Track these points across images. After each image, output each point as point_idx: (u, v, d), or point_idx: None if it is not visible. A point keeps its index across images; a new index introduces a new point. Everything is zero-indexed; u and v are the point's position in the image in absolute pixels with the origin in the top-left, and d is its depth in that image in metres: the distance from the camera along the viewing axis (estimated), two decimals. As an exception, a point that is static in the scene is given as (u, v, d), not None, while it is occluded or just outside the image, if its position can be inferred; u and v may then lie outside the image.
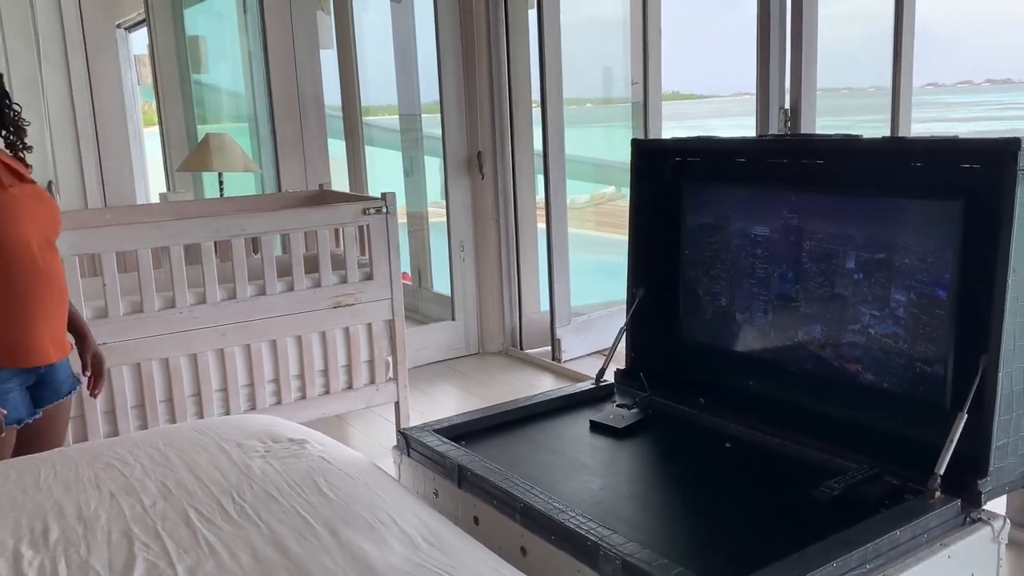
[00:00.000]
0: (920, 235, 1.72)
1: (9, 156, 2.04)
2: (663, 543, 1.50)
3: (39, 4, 3.40)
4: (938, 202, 1.68)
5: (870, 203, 1.78)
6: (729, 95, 6.36)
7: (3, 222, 1.91)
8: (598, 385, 2.31)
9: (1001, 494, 1.65)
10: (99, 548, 1.50)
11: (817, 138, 2.01)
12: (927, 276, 1.71)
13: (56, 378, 2.10)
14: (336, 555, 1.43)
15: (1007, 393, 1.59)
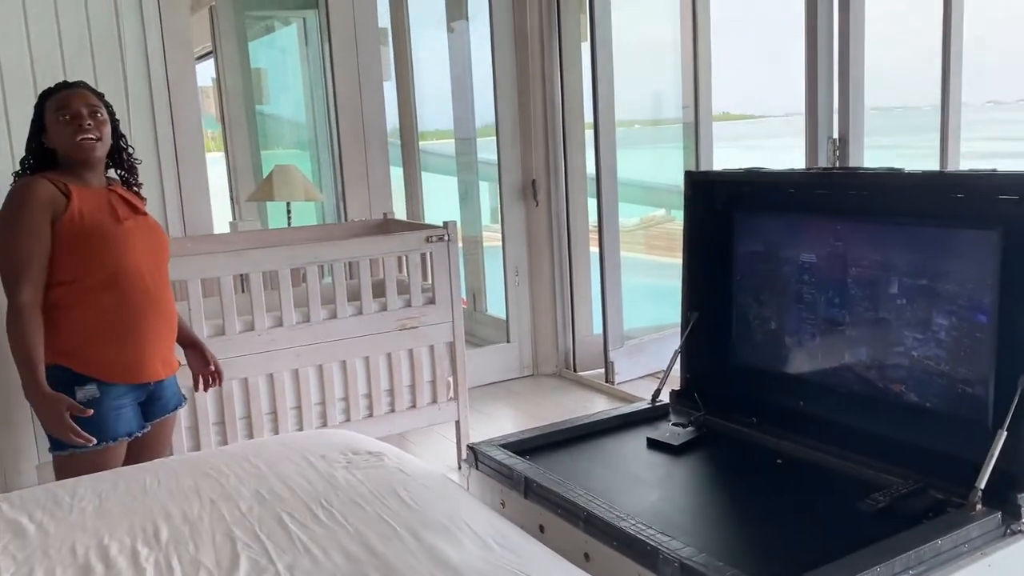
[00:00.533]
0: (960, 262, 1.82)
1: (126, 191, 2.27)
2: (718, 549, 1.62)
3: (127, 43, 3.65)
4: (977, 231, 1.79)
5: (912, 232, 1.89)
6: (781, 115, 6.39)
7: (119, 253, 2.13)
8: (654, 405, 2.44)
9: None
10: (206, 547, 1.68)
11: (861, 171, 2.13)
12: (967, 301, 1.81)
13: (164, 394, 2.32)
14: (419, 555, 1.58)
15: (1046, 412, 1.68)
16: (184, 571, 1.59)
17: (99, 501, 1.92)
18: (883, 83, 3.28)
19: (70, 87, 2.24)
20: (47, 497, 1.96)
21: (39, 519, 1.84)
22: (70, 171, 2.17)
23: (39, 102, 2.25)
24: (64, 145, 2.16)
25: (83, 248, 2.10)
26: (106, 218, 2.15)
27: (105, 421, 2.17)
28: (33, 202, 2.06)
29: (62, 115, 2.15)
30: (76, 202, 2.11)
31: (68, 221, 2.08)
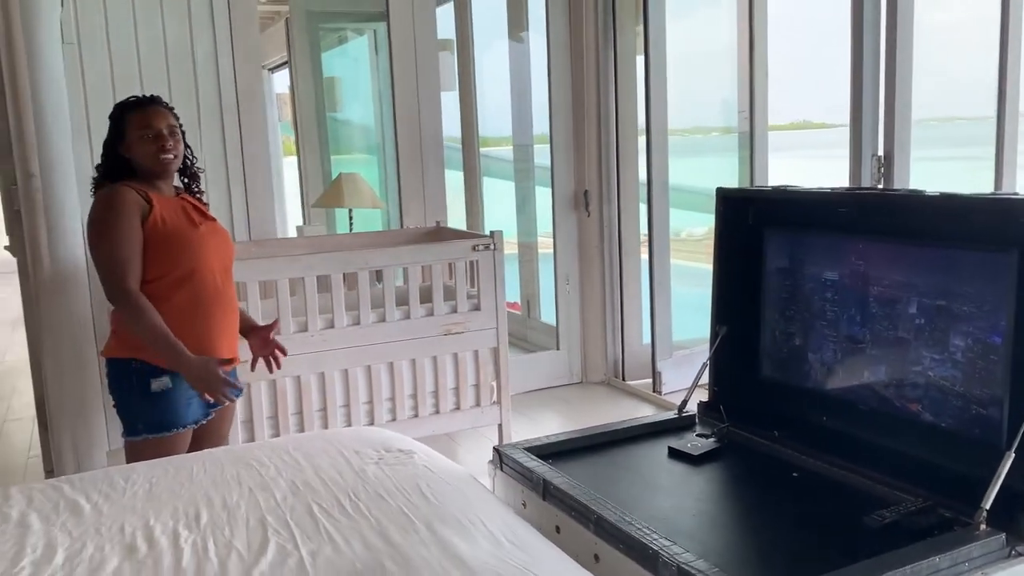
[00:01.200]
0: (978, 284, 1.84)
1: (194, 198, 2.47)
2: (719, 555, 1.67)
3: (199, 57, 3.87)
4: (994, 254, 1.80)
5: (931, 253, 1.92)
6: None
7: (194, 255, 2.34)
8: (681, 415, 2.49)
9: (1050, 531, 1.74)
10: (240, 531, 1.81)
11: (883, 192, 2.15)
12: (984, 323, 1.82)
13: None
14: (432, 547, 1.69)
15: (1055, 435, 1.69)
16: (218, 553, 1.72)
17: (149, 486, 2.07)
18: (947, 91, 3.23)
19: (149, 104, 2.42)
20: (104, 480, 2.13)
21: (95, 500, 2.01)
22: (146, 181, 2.38)
23: (119, 114, 2.43)
24: (146, 161, 2.36)
25: (164, 250, 2.31)
26: (184, 223, 2.37)
27: (176, 410, 2.38)
28: (126, 208, 2.28)
29: (146, 133, 2.35)
30: (158, 208, 2.32)
31: (152, 226, 2.29)
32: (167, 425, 2.36)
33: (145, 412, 2.35)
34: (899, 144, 3.13)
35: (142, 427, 2.36)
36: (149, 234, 2.28)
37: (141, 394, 2.34)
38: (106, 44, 3.66)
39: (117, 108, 2.44)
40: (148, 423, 2.36)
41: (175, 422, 2.38)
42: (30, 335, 3.70)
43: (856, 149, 3.18)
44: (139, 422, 2.36)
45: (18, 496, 2.04)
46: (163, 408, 2.34)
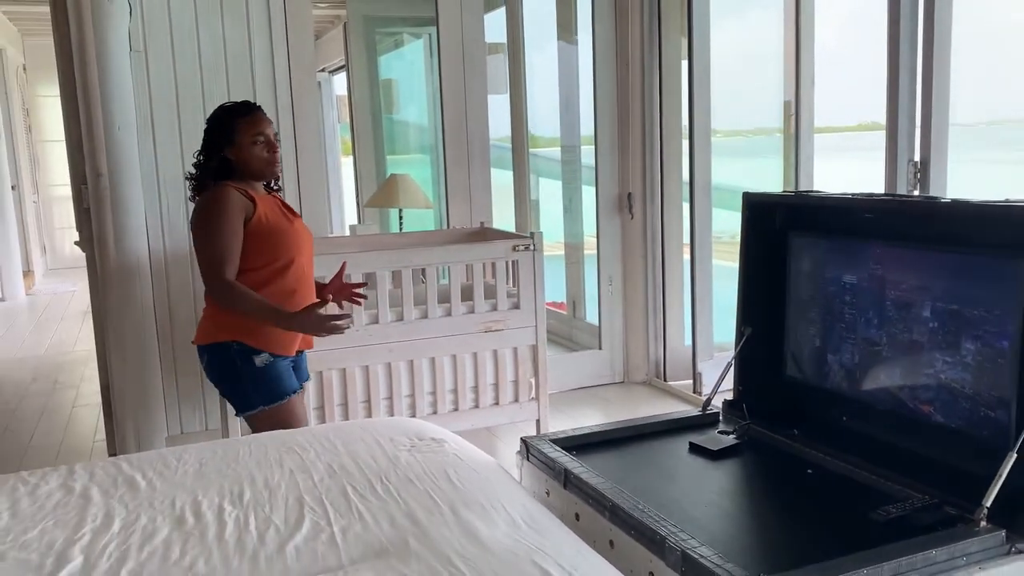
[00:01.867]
0: (989, 289, 1.88)
1: (279, 197, 2.70)
2: (724, 543, 1.76)
3: (256, 61, 4.06)
4: (1004, 260, 1.85)
5: (944, 258, 1.97)
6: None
7: (291, 247, 2.59)
8: (705, 413, 2.57)
9: (1052, 531, 1.78)
10: (279, 508, 1.96)
11: (900, 198, 2.20)
12: (994, 327, 1.87)
13: (302, 364, 2.81)
14: (453, 527, 1.81)
15: (1058, 437, 1.73)
16: (257, 527, 1.87)
17: (199, 465, 2.24)
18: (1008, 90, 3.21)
19: (257, 110, 2.63)
20: (159, 460, 2.30)
21: (150, 477, 2.18)
22: (244, 181, 2.59)
23: (226, 118, 2.59)
24: (258, 164, 2.57)
25: (266, 244, 2.54)
26: (282, 218, 2.60)
27: (281, 379, 2.63)
28: (231, 206, 2.50)
29: (258, 138, 2.56)
30: (261, 206, 2.54)
31: (257, 222, 2.52)
32: (279, 394, 2.61)
33: (257, 387, 2.60)
34: (936, 149, 3.14)
35: (258, 400, 2.61)
36: (255, 229, 2.51)
37: (249, 372, 2.59)
38: (170, 51, 3.87)
39: (224, 113, 2.61)
40: (262, 396, 2.61)
41: (285, 390, 2.63)
42: (97, 326, 3.94)
43: (892, 154, 3.20)
44: (254, 396, 2.61)
45: (81, 472, 2.22)
46: (271, 380, 2.60)
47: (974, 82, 3.48)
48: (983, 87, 4.78)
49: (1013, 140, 3.06)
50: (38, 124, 10.46)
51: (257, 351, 2.56)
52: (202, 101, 3.94)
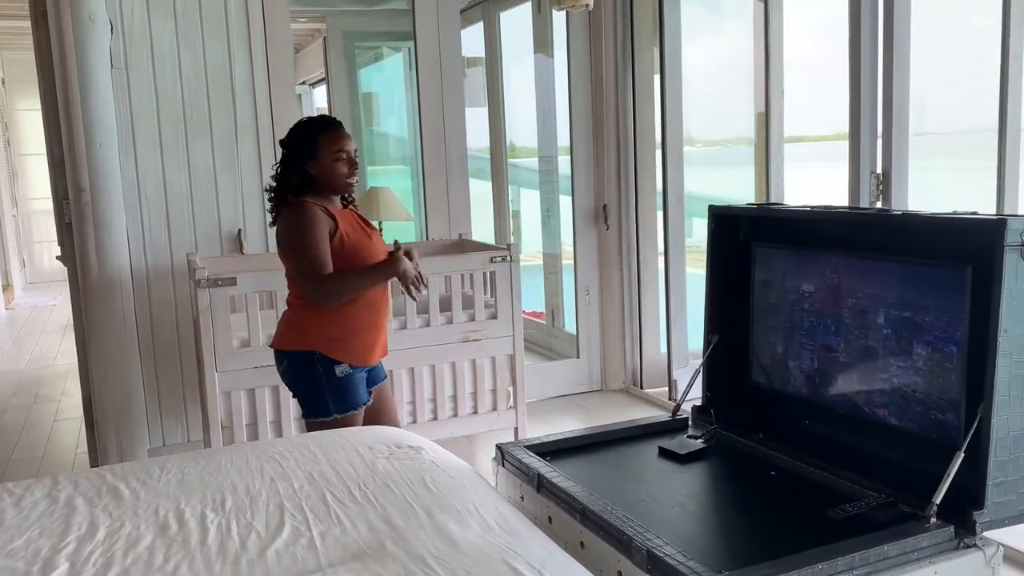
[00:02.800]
0: (937, 297, 1.98)
1: (355, 209, 2.74)
2: (688, 542, 1.84)
3: (237, 81, 4.13)
4: (951, 269, 1.95)
5: (896, 267, 2.06)
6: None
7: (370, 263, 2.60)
8: (675, 418, 2.65)
9: (1001, 526, 1.87)
10: (260, 515, 2.02)
11: (856, 210, 2.30)
12: (942, 333, 1.97)
13: (376, 371, 2.85)
14: (428, 530, 1.87)
15: (1003, 437, 1.83)
16: (239, 532, 1.93)
17: (182, 475, 2.29)
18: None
19: (340, 127, 2.66)
20: (142, 469, 2.36)
21: (133, 486, 2.23)
22: (323, 196, 2.62)
23: (310, 134, 2.61)
24: (338, 180, 2.60)
25: (348, 260, 2.57)
26: (362, 235, 2.64)
27: (356, 392, 2.69)
28: (318, 221, 2.54)
29: (340, 155, 2.59)
30: (341, 223, 2.58)
31: (339, 240, 2.56)
32: (352, 404, 2.68)
33: (335, 395, 2.65)
34: (896, 161, 3.25)
35: (332, 408, 2.67)
36: (336, 247, 2.55)
37: (329, 381, 2.64)
38: (151, 68, 3.93)
39: (306, 128, 2.63)
40: (338, 405, 2.66)
41: (357, 401, 2.70)
42: (79, 340, 3.98)
43: (855, 166, 3.30)
44: (329, 404, 2.67)
45: (65, 483, 2.27)
46: (349, 390, 2.66)
47: (949, 92, 3.58)
48: (958, 96, 4.90)
49: (987, 149, 3.16)
50: (17, 138, 10.45)
51: (337, 362, 2.63)
52: (183, 117, 4.01)
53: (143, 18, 3.90)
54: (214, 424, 3.35)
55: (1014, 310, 1.79)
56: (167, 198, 4.00)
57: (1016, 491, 1.87)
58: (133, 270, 3.92)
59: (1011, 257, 1.77)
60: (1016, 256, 1.77)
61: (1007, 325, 1.79)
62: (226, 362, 3.36)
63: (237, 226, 4.11)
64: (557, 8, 4.32)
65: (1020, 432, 1.85)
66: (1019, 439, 1.85)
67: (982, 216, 1.87)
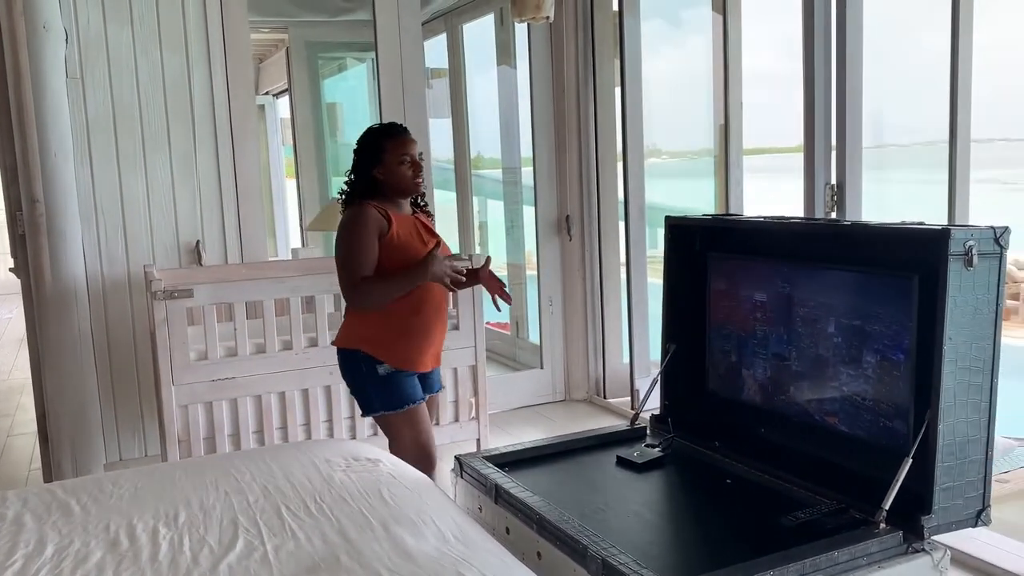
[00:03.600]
0: (886, 305, 2.01)
1: (424, 217, 2.75)
2: (644, 551, 1.85)
3: (196, 91, 4.09)
4: (899, 278, 1.98)
5: (848, 276, 2.10)
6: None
7: None
8: (633, 427, 2.67)
9: (948, 531, 1.91)
10: (213, 529, 1.99)
11: (807, 220, 2.34)
12: (891, 341, 2.00)
13: (432, 378, 2.83)
14: (383, 542, 1.86)
15: (949, 443, 1.86)
16: (191, 547, 1.91)
17: (135, 489, 2.26)
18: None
19: (404, 131, 2.70)
20: (94, 485, 2.32)
21: (84, 502, 2.19)
22: (389, 199, 2.66)
23: (375, 139, 2.67)
24: (402, 183, 2.64)
25: (397, 262, 2.58)
26: (416, 240, 2.64)
27: (402, 389, 2.67)
28: (368, 224, 2.57)
29: (404, 159, 2.63)
30: (395, 226, 2.60)
31: (389, 241, 2.58)
32: (398, 402, 2.66)
33: (379, 393, 2.66)
34: (851, 173, 3.30)
35: (378, 405, 2.68)
36: (387, 247, 2.57)
37: (372, 379, 2.65)
38: (107, 77, 3.88)
39: (373, 135, 2.69)
40: (383, 402, 2.67)
41: (404, 399, 2.67)
42: (32, 353, 3.90)
43: (810, 178, 3.35)
44: (375, 402, 2.68)
45: (14, 499, 2.23)
46: (392, 389, 2.65)
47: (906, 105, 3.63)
48: (915, 109, 5.00)
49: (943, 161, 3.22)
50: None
51: (380, 362, 2.64)
52: (140, 127, 3.96)
53: (99, 27, 3.85)
54: (170, 438, 3.31)
55: (958, 318, 1.83)
56: (124, 209, 3.94)
57: (963, 496, 1.91)
58: (89, 282, 3.86)
59: (955, 266, 1.81)
60: (960, 265, 1.81)
61: (952, 333, 1.82)
62: (183, 375, 3.32)
63: (196, 237, 4.06)
64: (518, 20, 4.33)
65: (966, 438, 1.89)
66: (965, 444, 1.89)
67: (927, 227, 1.91)
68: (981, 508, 1.94)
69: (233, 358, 3.39)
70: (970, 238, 1.81)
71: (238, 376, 3.37)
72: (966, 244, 1.80)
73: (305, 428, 3.52)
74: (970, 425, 1.88)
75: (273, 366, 3.44)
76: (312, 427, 3.52)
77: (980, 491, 1.93)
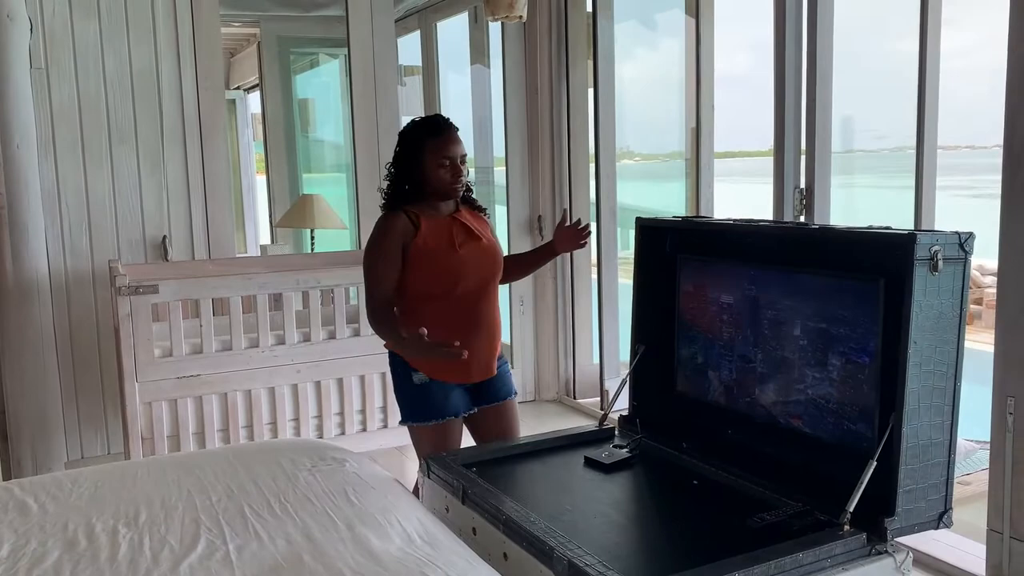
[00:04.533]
0: (852, 309, 2.02)
1: (471, 215, 2.63)
2: (610, 552, 1.84)
3: (164, 85, 4.04)
4: (865, 282, 1.99)
5: (814, 280, 2.11)
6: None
7: (452, 276, 2.51)
8: (601, 428, 2.67)
9: (911, 532, 1.92)
10: (175, 529, 1.96)
11: (776, 224, 2.35)
12: (856, 344, 2.01)
13: (492, 386, 2.70)
14: (348, 543, 1.85)
15: (913, 446, 1.88)
16: (152, 547, 1.87)
17: (95, 488, 2.22)
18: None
19: (447, 130, 2.54)
20: (53, 484, 2.27)
21: (42, 500, 2.15)
22: (427, 201, 2.55)
23: (417, 136, 2.52)
24: (440, 186, 2.52)
25: (425, 269, 2.50)
26: (445, 245, 2.52)
27: (435, 402, 2.57)
28: (391, 234, 2.49)
29: (444, 161, 2.50)
30: (423, 232, 2.50)
31: (415, 248, 2.48)
32: (428, 415, 2.57)
33: (410, 402, 2.59)
34: (819, 177, 3.34)
35: (406, 414, 2.61)
36: (412, 255, 2.48)
37: (406, 385, 2.58)
38: (73, 70, 3.82)
39: (414, 131, 2.54)
40: (413, 412, 2.59)
41: (434, 413, 2.57)
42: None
43: (779, 181, 3.38)
44: (404, 409, 2.62)
45: (-30, 497, 2.18)
46: (423, 399, 2.56)
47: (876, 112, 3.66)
48: (884, 116, 5.06)
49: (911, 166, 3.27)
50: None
51: (414, 370, 2.56)
52: (106, 120, 3.90)
53: (65, 17, 3.79)
54: (134, 436, 3.26)
55: (923, 323, 1.85)
56: (89, 202, 3.89)
57: (925, 498, 1.92)
58: (52, 276, 3.80)
59: (920, 271, 1.82)
60: (925, 270, 1.82)
61: (916, 337, 1.84)
62: (147, 372, 3.27)
63: (162, 232, 4.01)
64: (491, 19, 4.32)
65: (929, 440, 1.91)
66: (928, 447, 1.90)
67: (894, 231, 1.92)
68: (943, 510, 1.95)
69: (199, 355, 3.35)
70: (936, 243, 1.82)
71: (203, 373, 3.33)
72: (931, 249, 1.82)
73: (271, 427, 3.48)
74: (933, 428, 1.90)
75: (239, 364, 3.40)
76: (278, 426, 3.49)
77: (943, 493, 1.95)
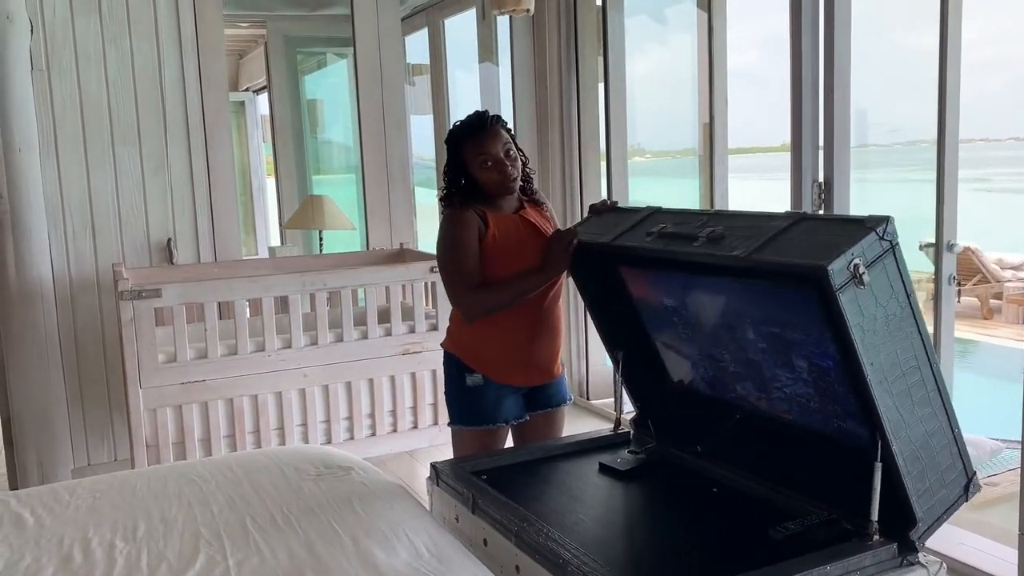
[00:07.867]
0: (799, 316, 1.85)
1: (535, 212, 2.54)
2: (627, 563, 1.76)
3: (167, 85, 3.97)
4: (801, 292, 1.78)
5: (760, 287, 1.96)
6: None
7: (525, 264, 2.41)
8: (616, 432, 2.58)
9: (937, 529, 1.82)
10: (173, 543, 1.89)
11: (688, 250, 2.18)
12: (816, 348, 1.84)
13: (547, 392, 2.60)
14: (352, 558, 1.77)
15: (909, 452, 1.73)
16: (149, 563, 1.80)
17: (93, 500, 2.15)
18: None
19: (481, 128, 2.43)
20: (50, 495, 2.21)
21: (39, 514, 2.08)
22: (488, 200, 2.46)
23: (454, 141, 2.45)
24: (489, 186, 2.43)
25: (494, 266, 2.41)
26: (514, 243, 2.44)
27: (487, 407, 2.49)
28: (463, 227, 2.40)
29: (484, 160, 2.40)
30: (492, 228, 2.42)
31: (486, 245, 2.41)
32: (477, 419, 2.49)
33: (460, 404, 2.51)
34: (838, 170, 3.24)
35: (456, 417, 2.52)
36: (486, 247, 2.41)
37: (458, 387, 2.50)
38: (75, 70, 3.76)
39: (452, 135, 2.48)
40: (461, 415, 2.51)
41: (483, 418, 2.49)
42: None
43: (797, 175, 3.28)
44: (456, 412, 2.53)
45: (-35, 510, 2.11)
46: (474, 403, 2.48)
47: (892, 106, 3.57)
48: (901, 110, 4.96)
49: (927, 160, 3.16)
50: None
51: (471, 371, 2.48)
52: (109, 121, 3.84)
53: (66, 17, 3.73)
54: (138, 443, 3.20)
55: (871, 339, 1.66)
56: (92, 205, 3.83)
57: (944, 485, 1.81)
58: (56, 281, 3.74)
59: (847, 295, 1.62)
60: (852, 291, 1.62)
61: (870, 358, 1.66)
62: (151, 378, 3.21)
63: (167, 235, 3.94)
64: (498, 12, 4.24)
65: (926, 435, 1.78)
66: (927, 440, 1.77)
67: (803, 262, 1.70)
68: (966, 481, 1.83)
69: (204, 360, 3.28)
70: (853, 258, 1.62)
71: (209, 379, 3.26)
72: (851, 266, 1.61)
73: (279, 432, 3.41)
74: (925, 420, 1.77)
75: (245, 368, 3.33)
76: (286, 431, 3.41)
77: (960, 467, 1.81)
